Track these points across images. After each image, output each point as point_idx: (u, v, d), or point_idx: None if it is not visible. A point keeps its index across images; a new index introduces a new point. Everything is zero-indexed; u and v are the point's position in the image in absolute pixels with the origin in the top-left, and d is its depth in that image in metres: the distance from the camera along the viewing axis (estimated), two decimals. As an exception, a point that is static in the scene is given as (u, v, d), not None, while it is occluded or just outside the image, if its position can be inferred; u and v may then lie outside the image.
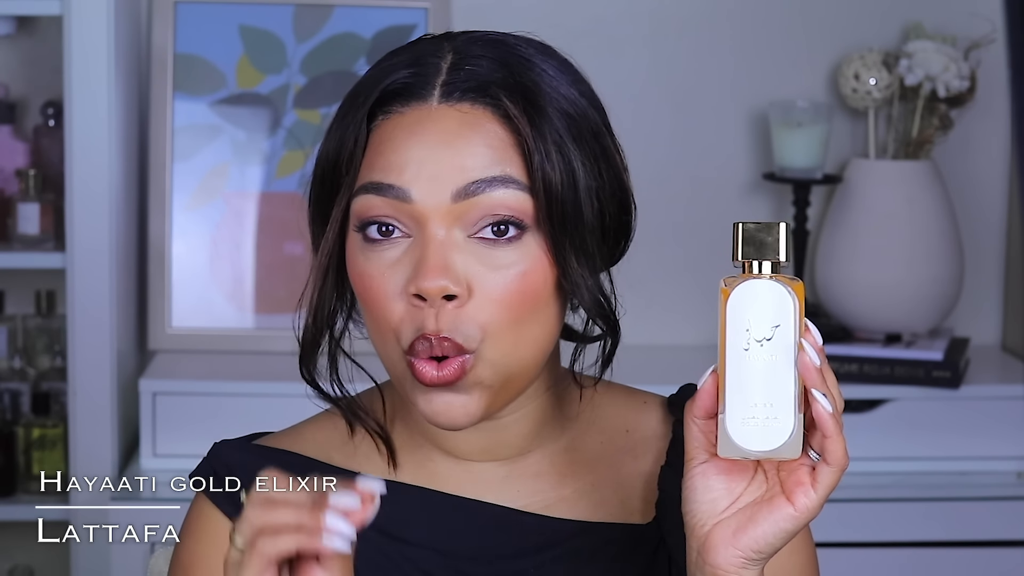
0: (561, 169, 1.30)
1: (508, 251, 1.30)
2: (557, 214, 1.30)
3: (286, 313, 2.83)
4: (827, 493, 1.21)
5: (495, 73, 1.32)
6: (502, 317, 1.29)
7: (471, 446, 1.38)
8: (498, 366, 1.30)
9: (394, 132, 1.31)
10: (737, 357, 1.19)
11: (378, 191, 1.30)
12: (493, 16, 2.85)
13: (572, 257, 1.31)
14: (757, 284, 1.20)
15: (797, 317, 1.19)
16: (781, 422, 1.19)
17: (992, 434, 2.68)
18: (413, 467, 1.39)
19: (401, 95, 1.32)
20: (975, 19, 2.82)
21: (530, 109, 1.31)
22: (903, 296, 2.77)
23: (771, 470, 1.23)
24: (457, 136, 1.30)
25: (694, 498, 1.23)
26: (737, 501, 1.22)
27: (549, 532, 1.38)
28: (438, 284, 1.27)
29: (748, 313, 1.19)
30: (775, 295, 1.19)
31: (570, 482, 1.40)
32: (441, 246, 1.29)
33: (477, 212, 1.29)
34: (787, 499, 1.21)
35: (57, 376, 2.80)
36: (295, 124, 2.87)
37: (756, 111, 2.94)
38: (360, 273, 1.32)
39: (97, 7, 2.59)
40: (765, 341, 1.19)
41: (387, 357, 1.32)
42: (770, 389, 1.19)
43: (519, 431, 1.38)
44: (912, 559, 2.60)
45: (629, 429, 1.43)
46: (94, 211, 2.62)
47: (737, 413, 1.19)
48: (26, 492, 2.75)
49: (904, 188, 2.80)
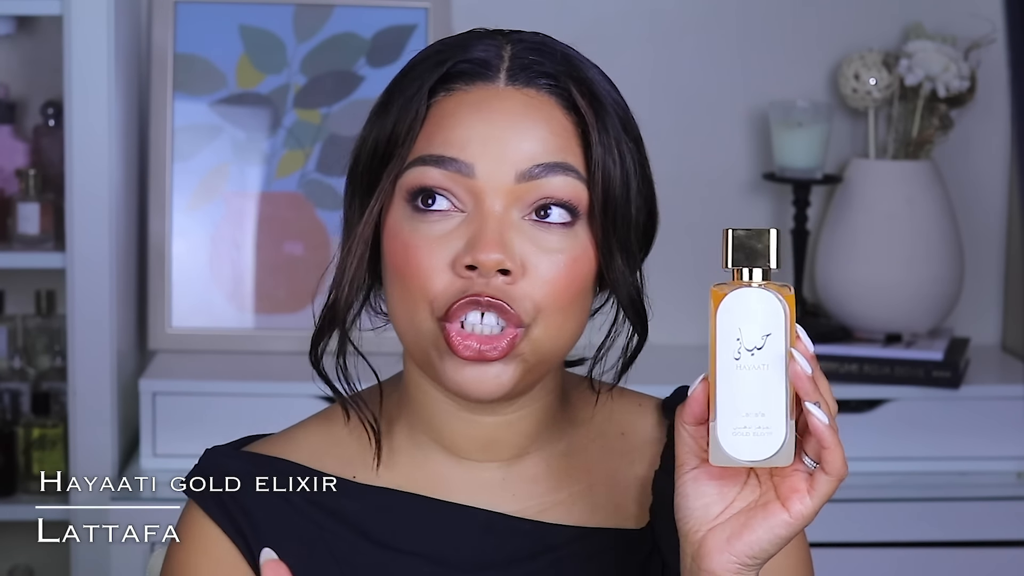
0: (619, 164, 1.33)
1: (560, 236, 1.31)
2: (611, 208, 1.32)
3: (286, 313, 2.83)
4: (823, 501, 1.21)
5: (560, 65, 1.34)
6: (553, 299, 1.30)
7: (471, 442, 1.37)
8: (540, 346, 1.31)
9: (457, 109, 1.32)
10: (728, 366, 1.18)
11: (438, 163, 1.31)
12: (493, 16, 2.84)
13: (617, 252, 1.33)
14: (748, 293, 1.19)
15: (787, 325, 1.18)
16: (773, 432, 1.18)
17: (992, 434, 2.68)
18: (411, 467, 1.39)
19: (466, 75, 1.33)
20: (975, 19, 2.82)
21: (595, 102, 1.34)
22: (903, 296, 2.77)
23: (764, 475, 1.22)
24: (523, 118, 1.32)
25: (686, 504, 1.23)
26: (730, 506, 1.22)
27: (543, 538, 1.38)
28: (495, 257, 1.28)
29: (738, 322, 1.18)
30: (766, 304, 1.19)
31: (566, 486, 1.40)
32: (499, 222, 1.30)
33: (535, 195, 1.31)
34: (782, 505, 1.21)
35: (57, 376, 2.80)
36: (295, 124, 2.87)
37: (756, 111, 2.94)
38: (404, 243, 1.31)
39: (97, 7, 2.59)
40: (756, 350, 1.18)
41: (413, 327, 1.32)
42: (761, 398, 1.18)
43: (521, 429, 1.37)
44: (912, 559, 2.60)
45: (625, 432, 1.42)
46: (94, 211, 2.62)
47: (728, 423, 1.18)
48: (26, 492, 2.75)
49: (904, 188, 2.79)
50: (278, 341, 2.81)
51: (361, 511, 1.38)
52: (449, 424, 1.37)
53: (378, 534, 1.37)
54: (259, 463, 1.39)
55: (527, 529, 1.37)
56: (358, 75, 2.86)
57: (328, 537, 1.38)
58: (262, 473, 1.39)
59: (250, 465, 1.39)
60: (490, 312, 1.29)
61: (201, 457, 1.42)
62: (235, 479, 1.38)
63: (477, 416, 1.36)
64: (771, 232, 1.20)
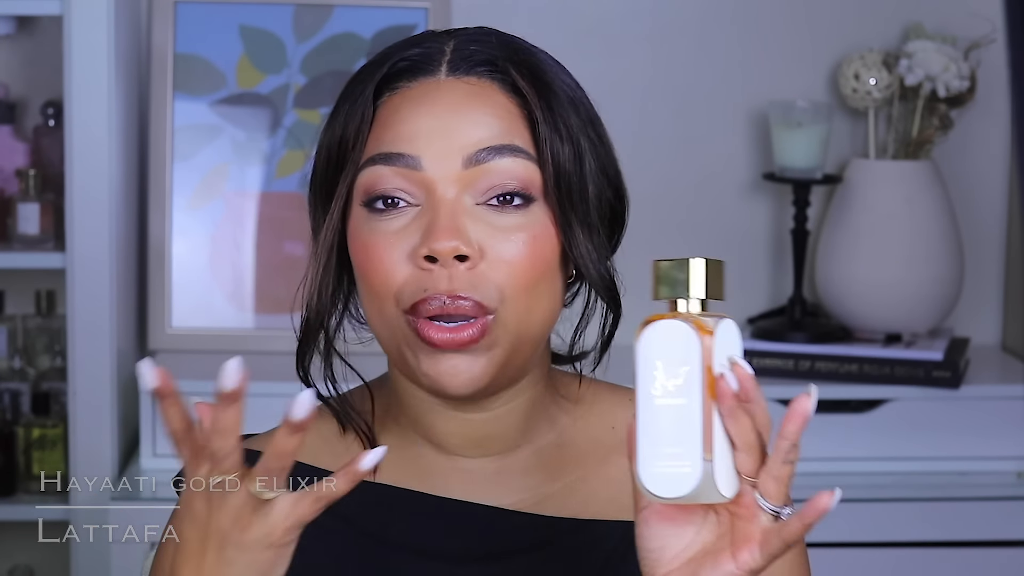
0: (568, 141, 1.33)
1: (516, 216, 1.31)
2: (564, 185, 1.32)
3: (286, 313, 2.83)
4: (770, 558, 1.16)
5: (500, 51, 1.35)
6: (516, 280, 1.30)
7: (462, 439, 1.38)
8: (511, 331, 1.31)
9: (402, 105, 1.33)
10: (646, 402, 1.15)
11: (387, 161, 1.32)
12: (493, 16, 2.84)
13: (578, 229, 1.33)
14: (659, 326, 1.15)
15: (702, 358, 1.13)
16: (689, 467, 1.13)
17: (992, 434, 2.68)
18: (402, 464, 1.39)
19: (408, 72, 1.34)
20: (975, 19, 2.82)
21: (537, 83, 1.34)
22: (903, 296, 2.77)
23: (722, 513, 1.18)
24: (466, 106, 1.32)
25: (643, 546, 1.20)
26: (688, 547, 1.19)
27: (538, 530, 1.38)
28: (450, 244, 1.28)
29: (655, 356, 1.14)
30: (680, 336, 1.14)
31: (559, 478, 1.40)
32: (451, 210, 1.30)
33: (486, 180, 1.31)
34: (731, 555, 1.17)
35: (57, 376, 2.80)
36: (295, 124, 2.87)
37: (756, 111, 2.94)
38: (364, 243, 1.32)
39: (97, 7, 2.59)
40: (673, 384, 1.14)
41: (385, 325, 1.32)
42: (677, 433, 1.13)
43: (510, 424, 1.38)
44: (912, 559, 2.60)
45: (615, 426, 1.43)
46: (94, 211, 2.62)
47: (647, 459, 1.14)
48: (26, 492, 2.75)
49: (904, 188, 2.79)
50: (278, 341, 2.80)
51: (355, 505, 1.38)
52: (438, 422, 1.37)
53: (372, 529, 1.37)
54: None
55: (521, 522, 1.38)
56: (358, 75, 2.86)
57: (322, 531, 1.38)
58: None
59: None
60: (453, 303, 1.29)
61: None
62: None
63: (465, 414, 1.36)
64: (693, 261, 1.15)
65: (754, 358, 2.76)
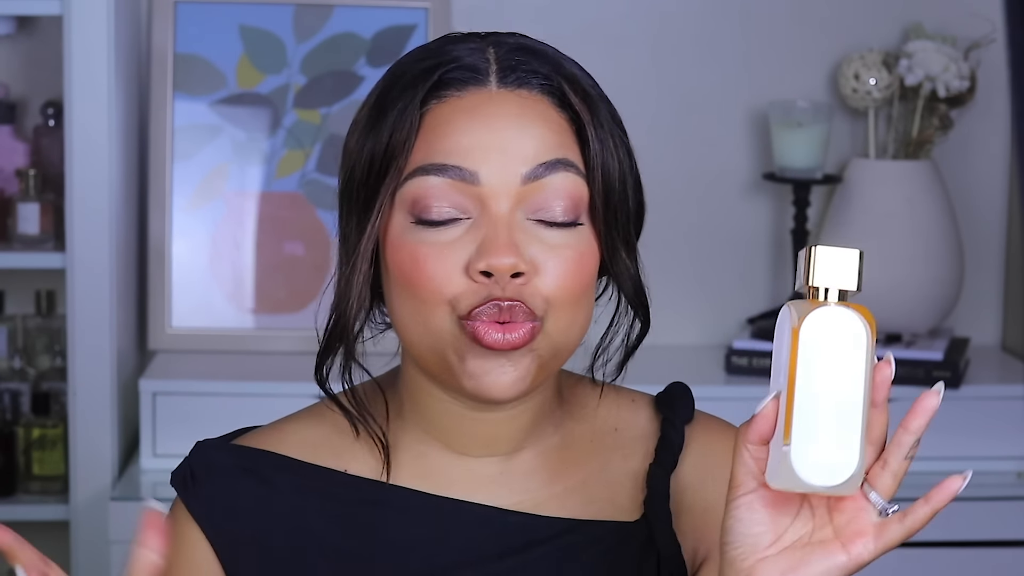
0: (614, 158, 1.34)
1: (566, 234, 1.32)
2: (612, 202, 1.33)
3: (286, 313, 2.84)
4: (888, 549, 1.19)
5: (546, 64, 1.35)
6: (564, 294, 1.31)
7: (471, 438, 1.38)
8: (554, 341, 1.32)
9: (452, 115, 1.32)
10: (808, 388, 1.13)
11: (441, 172, 1.31)
12: (493, 16, 2.85)
13: (620, 246, 1.35)
14: (835, 313, 1.14)
15: (870, 351, 1.14)
16: (847, 457, 1.13)
17: (992, 434, 2.68)
18: (408, 462, 1.39)
19: (457, 81, 1.33)
20: (975, 19, 2.82)
21: (588, 98, 1.34)
22: (903, 296, 2.77)
23: (819, 508, 1.19)
24: (521, 119, 1.32)
25: (739, 529, 1.19)
26: (781, 538, 1.19)
27: (537, 530, 1.38)
28: (508, 261, 1.29)
29: (822, 342, 1.13)
30: (852, 326, 1.14)
31: (561, 480, 1.40)
32: (508, 225, 1.30)
33: (541, 195, 1.31)
34: (842, 545, 1.17)
35: (57, 376, 2.80)
36: (295, 124, 2.87)
37: (756, 111, 2.94)
38: (411, 253, 1.31)
39: (97, 7, 2.59)
40: (839, 373, 1.13)
41: (430, 332, 1.32)
42: (838, 422, 1.13)
43: (520, 424, 1.38)
44: (912, 559, 2.59)
45: (618, 428, 1.43)
46: (94, 211, 2.62)
47: (804, 445, 1.13)
48: (26, 492, 2.75)
49: (904, 188, 2.80)
50: (278, 341, 2.81)
51: (354, 504, 1.38)
52: (451, 422, 1.37)
53: (370, 527, 1.38)
54: (251, 456, 1.40)
55: (521, 522, 1.38)
56: (358, 75, 2.86)
57: (319, 529, 1.38)
58: (253, 467, 1.39)
59: (241, 458, 1.40)
60: (509, 309, 1.30)
61: (191, 450, 1.43)
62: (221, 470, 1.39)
63: (481, 413, 1.37)
64: (856, 252, 1.14)
65: (754, 358, 2.76)
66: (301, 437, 1.41)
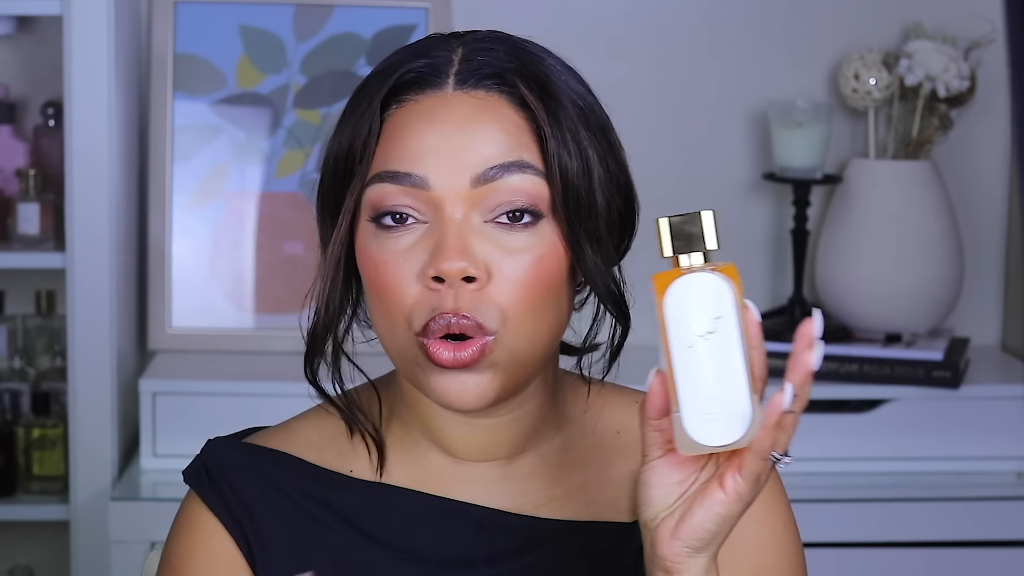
0: (576, 156, 1.32)
1: (524, 236, 1.31)
2: (572, 201, 1.31)
3: (286, 313, 2.83)
4: (753, 477, 1.18)
5: (508, 62, 1.33)
6: (521, 302, 1.30)
7: (469, 444, 1.38)
8: (514, 351, 1.30)
9: (408, 120, 1.32)
10: (684, 355, 1.16)
11: (394, 179, 1.31)
12: (493, 16, 2.85)
13: (586, 244, 1.32)
14: (691, 278, 1.17)
15: (736, 305, 1.16)
16: (740, 412, 1.16)
17: (992, 434, 2.68)
18: (406, 465, 1.39)
19: (415, 84, 1.33)
20: (975, 19, 2.82)
21: (546, 96, 1.32)
22: (903, 296, 2.77)
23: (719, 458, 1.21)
24: (473, 122, 1.31)
25: (647, 493, 1.21)
26: (686, 492, 1.21)
27: (536, 533, 1.38)
28: (458, 266, 1.28)
29: (687, 308, 1.16)
30: (712, 287, 1.17)
31: (561, 482, 1.40)
32: (459, 229, 1.29)
33: (495, 198, 1.30)
34: (719, 485, 1.19)
35: (57, 376, 2.80)
36: (295, 124, 2.87)
37: (756, 111, 2.94)
38: (373, 260, 1.32)
39: (97, 7, 2.59)
40: (708, 335, 1.16)
41: (395, 344, 1.32)
42: (722, 382, 1.16)
43: (518, 429, 1.38)
44: (912, 559, 2.60)
45: (620, 431, 1.43)
46: (94, 211, 2.62)
47: (694, 410, 1.16)
48: (26, 492, 2.75)
49: (904, 188, 2.80)
50: (278, 341, 2.81)
51: (356, 506, 1.38)
52: (446, 428, 1.37)
53: (372, 529, 1.38)
54: (260, 455, 1.40)
55: (521, 524, 1.38)
56: (358, 75, 2.85)
57: (322, 530, 1.38)
58: (262, 465, 1.39)
59: (251, 457, 1.40)
60: (458, 323, 1.29)
61: (203, 447, 1.43)
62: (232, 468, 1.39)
63: (474, 420, 1.36)
64: (704, 214, 1.18)
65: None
66: (308, 438, 1.42)
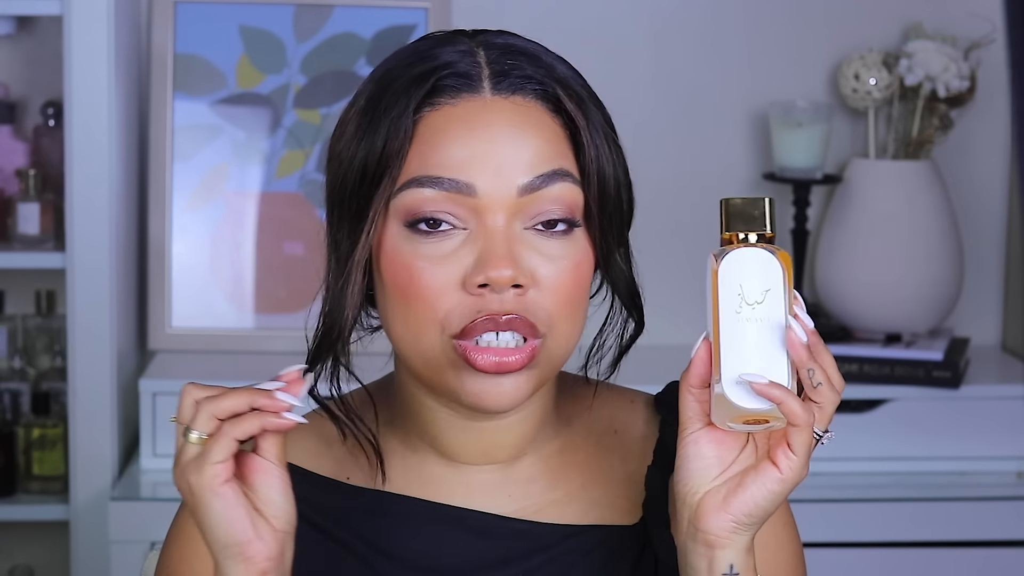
0: (609, 164, 1.33)
1: (563, 243, 1.31)
2: (607, 208, 1.33)
3: (286, 313, 2.83)
4: (805, 452, 1.23)
5: (537, 68, 1.33)
6: (562, 307, 1.31)
7: (470, 448, 1.37)
8: (554, 355, 1.32)
9: (447, 125, 1.31)
10: (731, 320, 1.22)
11: (437, 185, 1.29)
12: (493, 16, 2.85)
13: (614, 248, 1.34)
14: (747, 251, 1.24)
15: (786, 285, 1.23)
16: (777, 379, 1.21)
17: (992, 434, 2.68)
18: (404, 472, 1.39)
19: (450, 88, 1.31)
20: (975, 19, 2.82)
21: (583, 104, 1.33)
22: (903, 296, 2.77)
23: (761, 442, 1.25)
24: (517, 129, 1.31)
25: (686, 466, 1.25)
26: (727, 470, 1.24)
27: (537, 537, 1.38)
28: (507, 273, 1.28)
29: (739, 279, 1.23)
30: (764, 261, 1.23)
31: (561, 485, 1.40)
32: (505, 237, 1.29)
33: (537, 206, 1.30)
34: (772, 464, 1.23)
35: (57, 376, 2.80)
36: (295, 124, 2.87)
37: (756, 111, 2.94)
38: (406, 265, 1.30)
39: (97, 7, 2.59)
40: (757, 304, 1.22)
41: (420, 347, 1.31)
42: (763, 350, 1.21)
43: (520, 432, 1.37)
44: (912, 559, 2.60)
45: (618, 430, 1.43)
46: (94, 211, 2.62)
47: (733, 373, 1.21)
48: (26, 492, 2.75)
49: (904, 188, 2.80)
50: (278, 341, 2.81)
51: (354, 512, 1.38)
52: (447, 432, 1.37)
53: (371, 536, 1.37)
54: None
55: (522, 529, 1.37)
56: (358, 75, 2.85)
57: (320, 537, 1.38)
58: None
59: None
60: (506, 332, 1.29)
61: None
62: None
63: (478, 423, 1.36)
64: (765, 200, 1.25)
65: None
66: (304, 445, 1.41)
